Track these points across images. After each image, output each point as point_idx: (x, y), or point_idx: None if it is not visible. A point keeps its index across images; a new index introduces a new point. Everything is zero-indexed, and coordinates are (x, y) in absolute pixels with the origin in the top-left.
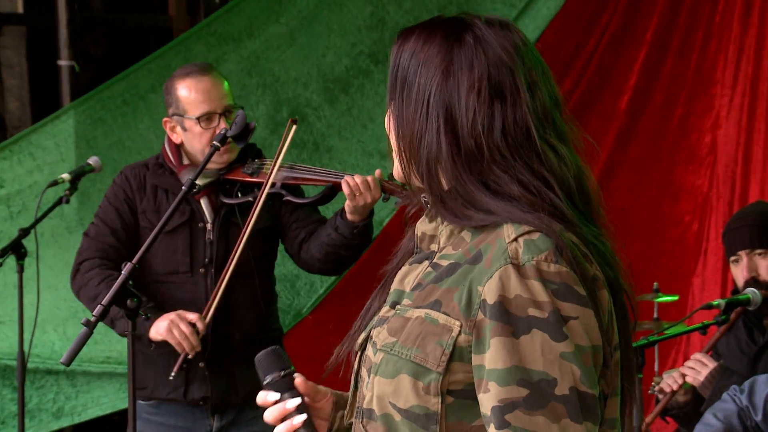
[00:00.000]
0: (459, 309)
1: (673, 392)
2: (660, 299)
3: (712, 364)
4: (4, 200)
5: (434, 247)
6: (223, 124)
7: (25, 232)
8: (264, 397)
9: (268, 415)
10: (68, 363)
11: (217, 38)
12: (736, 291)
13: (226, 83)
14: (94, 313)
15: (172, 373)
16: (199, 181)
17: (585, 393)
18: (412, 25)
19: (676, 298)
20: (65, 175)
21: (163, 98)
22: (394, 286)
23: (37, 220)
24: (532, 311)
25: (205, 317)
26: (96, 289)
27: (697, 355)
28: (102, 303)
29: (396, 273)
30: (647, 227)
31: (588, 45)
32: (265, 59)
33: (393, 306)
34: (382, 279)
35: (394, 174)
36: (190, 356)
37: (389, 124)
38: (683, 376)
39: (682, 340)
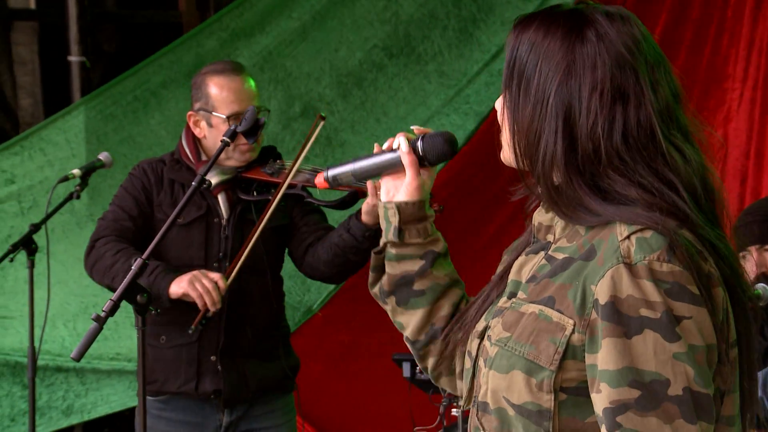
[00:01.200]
0: (573, 307)
1: None
2: None
3: None
4: (15, 196)
5: (550, 237)
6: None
7: (35, 228)
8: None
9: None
10: (79, 358)
11: (228, 33)
12: None
13: (254, 84)
14: (104, 309)
15: (192, 327)
16: (216, 178)
17: (699, 393)
18: (531, 13)
19: None
20: (76, 171)
21: (173, 94)
22: (512, 276)
23: (48, 216)
24: (644, 311)
25: (227, 277)
26: (113, 258)
27: None
28: (112, 298)
29: (512, 264)
30: None
31: None
32: (277, 54)
33: (510, 297)
34: (505, 268)
35: (502, 158)
36: (210, 312)
37: (502, 113)
38: None
39: None
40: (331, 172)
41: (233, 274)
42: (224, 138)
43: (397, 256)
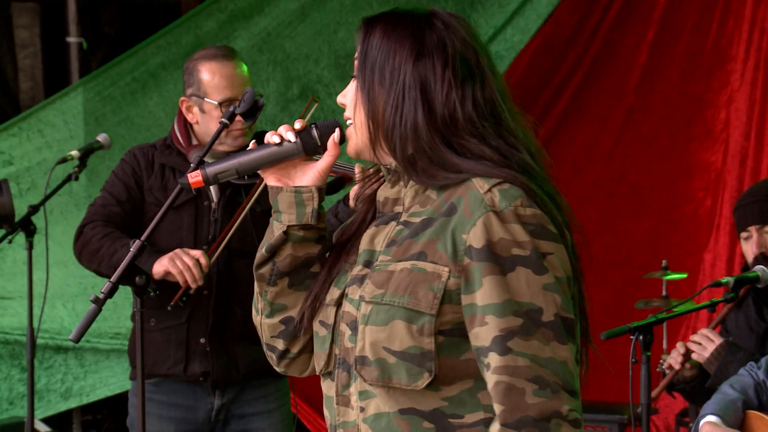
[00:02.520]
0: (447, 256)
1: (676, 372)
2: (668, 277)
3: (718, 340)
4: (13, 177)
5: (399, 209)
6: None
7: (34, 210)
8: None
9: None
10: (77, 340)
11: (227, 15)
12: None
13: (246, 69)
14: (102, 290)
15: (171, 304)
16: (210, 161)
17: (566, 318)
18: (376, 14)
19: (684, 275)
20: (74, 153)
21: (172, 75)
22: (363, 246)
23: (47, 198)
24: (516, 251)
25: (210, 256)
26: (98, 243)
27: (704, 331)
28: (111, 280)
29: (357, 239)
30: (660, 203)
31: (591, 21)
32: (276, 35)
33: (367, 265)
34: (340, 244)
35: (350, 151)
36: (191, 290)
37: (354, 104)
38: (686, 348)
39: (691, 318)
40: (211, 170)
41: (217, 252)
42: (223, 120)
43: (303, 239)
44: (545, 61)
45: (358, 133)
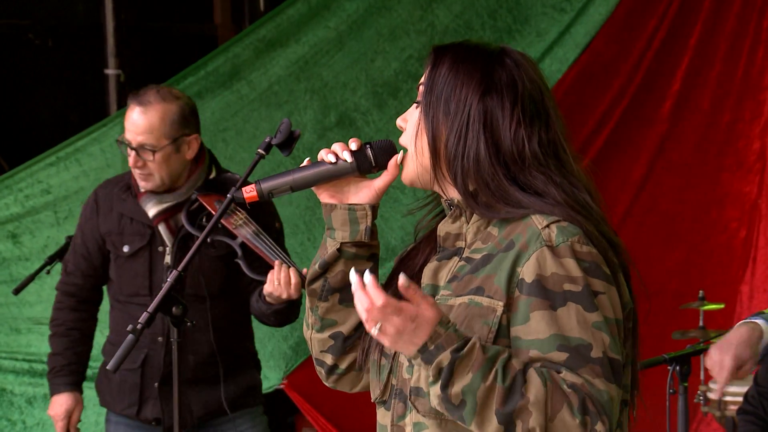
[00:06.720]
0: (502, 291)
1: None
2: (706, 307)
3: None
4: (51, 206)
5: (460, 244)
6: (131, 157)
7: (71, 240)
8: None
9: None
10: (115, 369)
11: (264, 44)
12: None
13: (158, 121)
14: (140, 320)
15: None
16: (154, 209)
17: (613, 359)
18: (445, 44)
19: (722, 306)
20: None
21: (209, 104)
22: (426, 281)
23: None
24: (567, 286)
25: None
26: (50, 329)
27: None
28: (148, 310)
29: (419, 272)
30: (692, 233)
31: (636, 50)
32: (313, 64)
33: None
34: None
35: (405, 178)
36: None
37: (415, 131)
38: None
39: None
40: (266, 185)
41: None
42: (259, 150)
43: (355, 256)
44: (583, 91)
45: (417, 160)
